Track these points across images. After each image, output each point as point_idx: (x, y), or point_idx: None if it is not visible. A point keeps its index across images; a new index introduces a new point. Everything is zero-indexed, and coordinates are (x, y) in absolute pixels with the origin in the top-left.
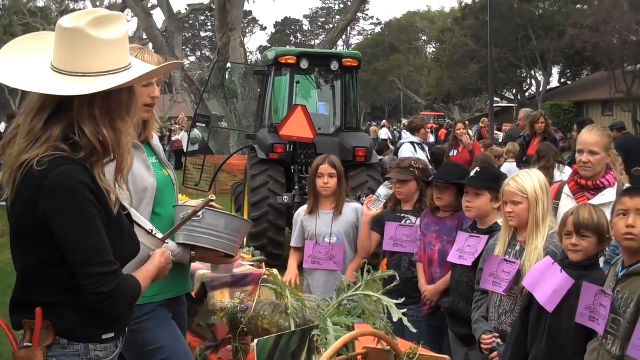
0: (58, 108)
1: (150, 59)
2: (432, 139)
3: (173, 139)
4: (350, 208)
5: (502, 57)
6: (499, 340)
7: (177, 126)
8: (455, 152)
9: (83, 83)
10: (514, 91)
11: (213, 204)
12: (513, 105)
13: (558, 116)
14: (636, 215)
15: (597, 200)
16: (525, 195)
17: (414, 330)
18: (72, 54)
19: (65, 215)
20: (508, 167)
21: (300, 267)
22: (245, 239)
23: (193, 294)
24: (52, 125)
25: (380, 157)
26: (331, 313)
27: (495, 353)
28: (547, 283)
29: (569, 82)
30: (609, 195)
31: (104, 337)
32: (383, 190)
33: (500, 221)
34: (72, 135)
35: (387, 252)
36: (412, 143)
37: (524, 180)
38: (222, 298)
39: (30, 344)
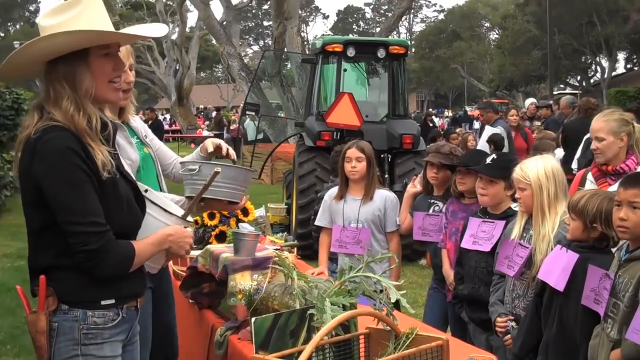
0: None
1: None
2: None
3: (232, 127)
4: (380, 195)
5: (565, 43)
6: (513, 324)
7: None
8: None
9: None
10: (579, 78)
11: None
12: (577, 92)
13: (623, 103)
14: (628, 208)
15: (617, 185)
16: (528, 181)
17: (412, 312)
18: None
19: (53, 177)
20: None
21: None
22: (294, 225)
23: (216, 276)
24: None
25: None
26: (330, 294)
27: (509, 336)
28: (557, 266)
29: (635, 68)
30: None
31: (102, 302)
32: None
33: (514, 206)
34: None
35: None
36: None
37: (528, 166)
38: (242, 280)
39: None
